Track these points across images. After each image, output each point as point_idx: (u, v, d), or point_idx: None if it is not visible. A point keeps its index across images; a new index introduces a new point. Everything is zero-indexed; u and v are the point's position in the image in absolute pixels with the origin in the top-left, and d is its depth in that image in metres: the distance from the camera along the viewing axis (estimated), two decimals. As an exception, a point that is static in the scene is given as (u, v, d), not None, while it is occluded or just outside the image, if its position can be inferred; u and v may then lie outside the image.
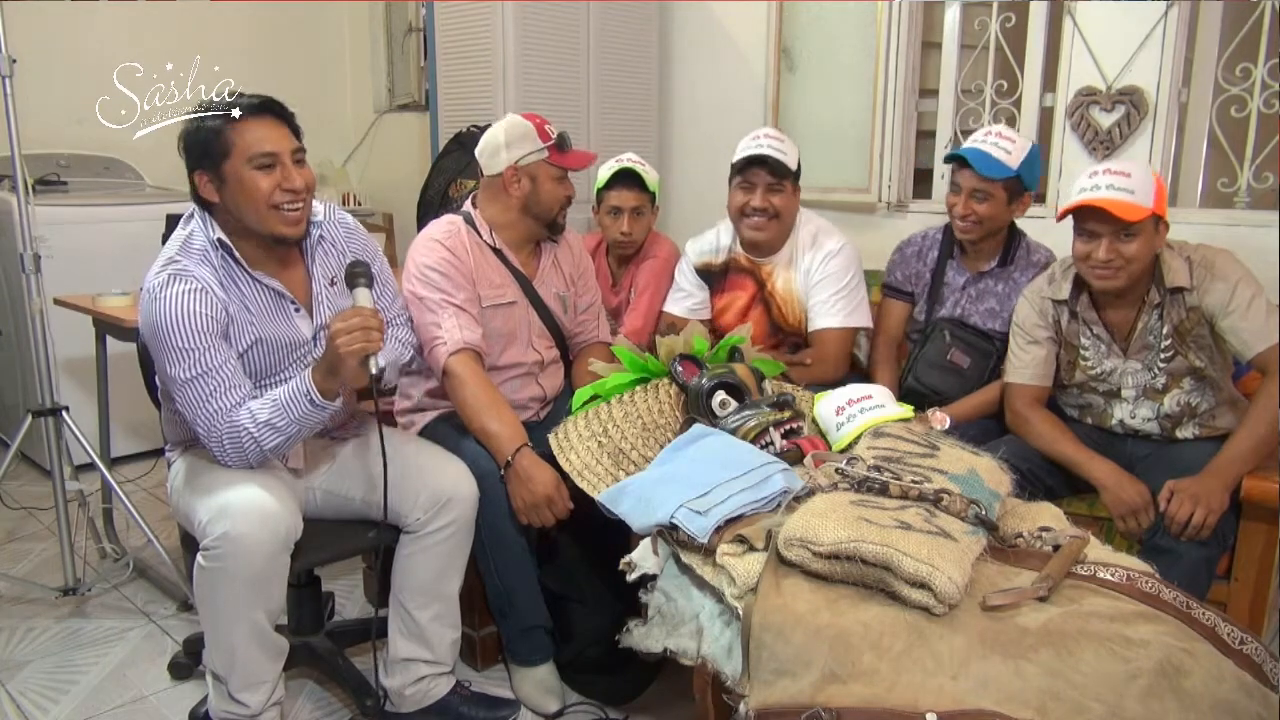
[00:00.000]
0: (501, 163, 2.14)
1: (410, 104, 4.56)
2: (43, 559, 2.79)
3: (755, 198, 2.37)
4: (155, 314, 1.68)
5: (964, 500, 1.45)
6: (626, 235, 2.64)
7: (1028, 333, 2.13)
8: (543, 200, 2.18)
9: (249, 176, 1.69)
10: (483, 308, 2.13)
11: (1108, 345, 2.04)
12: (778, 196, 2.37)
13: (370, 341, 1.65)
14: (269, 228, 1.74)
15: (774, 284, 2.48)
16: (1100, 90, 2.67)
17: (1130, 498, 1.92)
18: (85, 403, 2.91)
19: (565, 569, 2.11)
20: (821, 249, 2.41)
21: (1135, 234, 1.87)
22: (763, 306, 2.51)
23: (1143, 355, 2.01)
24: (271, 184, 1.71)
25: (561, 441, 1.89)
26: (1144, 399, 2.04)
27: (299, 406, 1.69)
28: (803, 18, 3.37)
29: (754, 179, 2.36)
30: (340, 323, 1.66)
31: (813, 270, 2.41)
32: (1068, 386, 2.13)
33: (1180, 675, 1.19)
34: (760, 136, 2.39)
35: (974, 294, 2.36)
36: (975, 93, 2.97)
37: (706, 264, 2.57)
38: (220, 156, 1.69)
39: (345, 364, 1.66)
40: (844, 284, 2.39)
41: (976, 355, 2.32)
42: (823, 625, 1.29)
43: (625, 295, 2.72)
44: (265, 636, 1.71)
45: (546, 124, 2.17)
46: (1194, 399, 2.01)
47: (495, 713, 2.00)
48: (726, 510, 1.51)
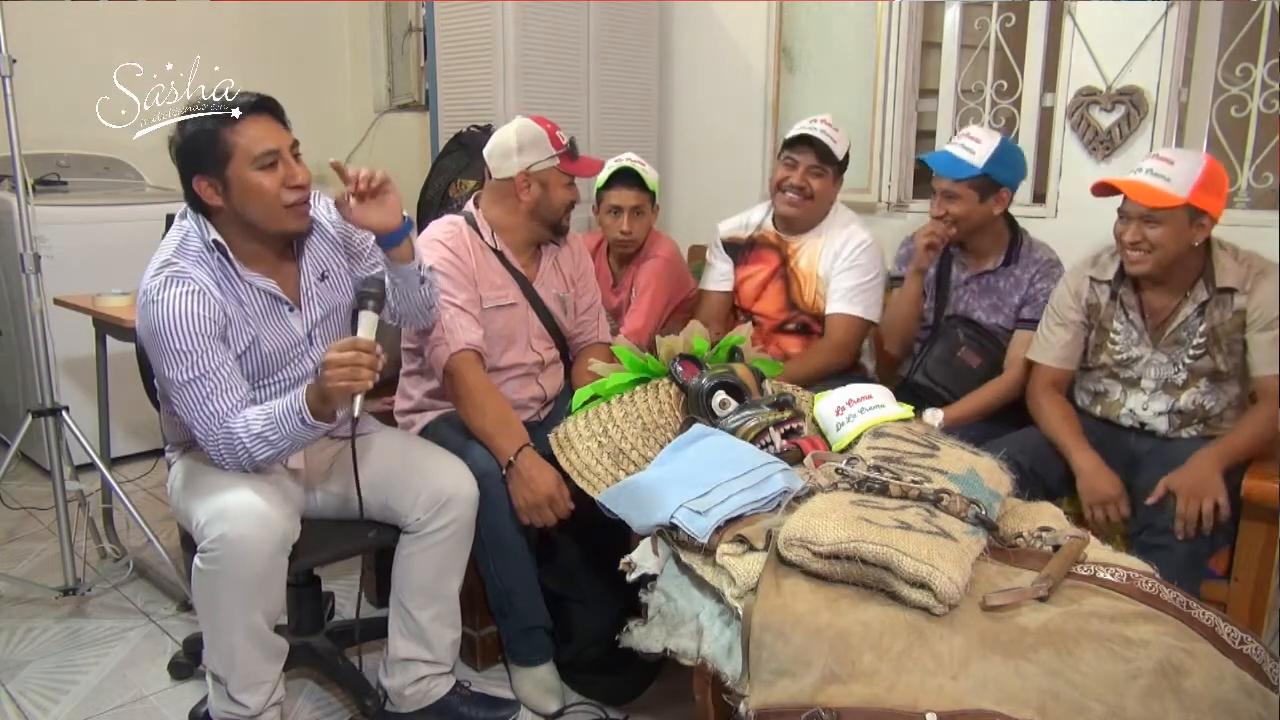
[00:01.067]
0: (513, 167, 2.14)
1: (410, 104, 4.56)
2: (43, 559, 2.79)
3: (796, 175, 2.45)
4: (153, 316, 1.67)
5: (964, 500, 1.45)
6: (627, 234, 2.65)
7: (1059, 314, 2.16)
8: (552, 205, 2.20)
9: (254, 178, 1.68)
10: (483, 309, 2.13)
11: (1140, 332, 2.06)
12: (818, 180, 2.45)
13: (357, 380, 1.61)
14: (281, 226, 1.73)
15: (797, 260, 2.53)
16: (1100, 90, 2.67)
17: (1103, 487, 1.96)
18: (85, 403, 2.91)
19: (565, 569, 2.11)
20: (854, 239, 2.47)
21: (1161, 221, 1.91)
22: (782, 281, 2.56)
23: (1171, 349, 2.03)
24: (276, 182, 1.69)
25: (561, 441, 1.89)
26: (1161, 392, 2.06)
27: (290, 423, 1.67)
28: (803, 18, 3.37)
29: (799, 156, 2.45)
30: (334, 353, 1.62)
31: (841, 255, 2.46)
32: (1091, 369, 2.15)
33: (1180, 675, 1.19)
34: (818, 120, 2.47)
35: (976, 289, 2.40)
36: (975, 93, 2.97)
37: (733, 238, 2.65)
38: (222, 160, 1.67)
39: (332, 396, 1.64)
40: (868, 278, 2.46)
41: (986, 356, 2.35)
42: (823, 625, 1.29)
43: (626, 295, 2.72)
44: (264, 637, 1.71)
45: (557, 130, 2.19)
46: (1208, 401, 2.03)
47: (495, 713, 2.00)
48: (726, 510, 1.51)
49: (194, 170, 1.70)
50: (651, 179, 2.68)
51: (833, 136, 2.45)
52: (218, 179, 1.69)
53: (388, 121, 4.68)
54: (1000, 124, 2.93)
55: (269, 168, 1.68)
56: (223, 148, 1.66)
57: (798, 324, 2.55)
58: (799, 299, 2.53)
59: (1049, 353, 2.17)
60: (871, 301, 2.47)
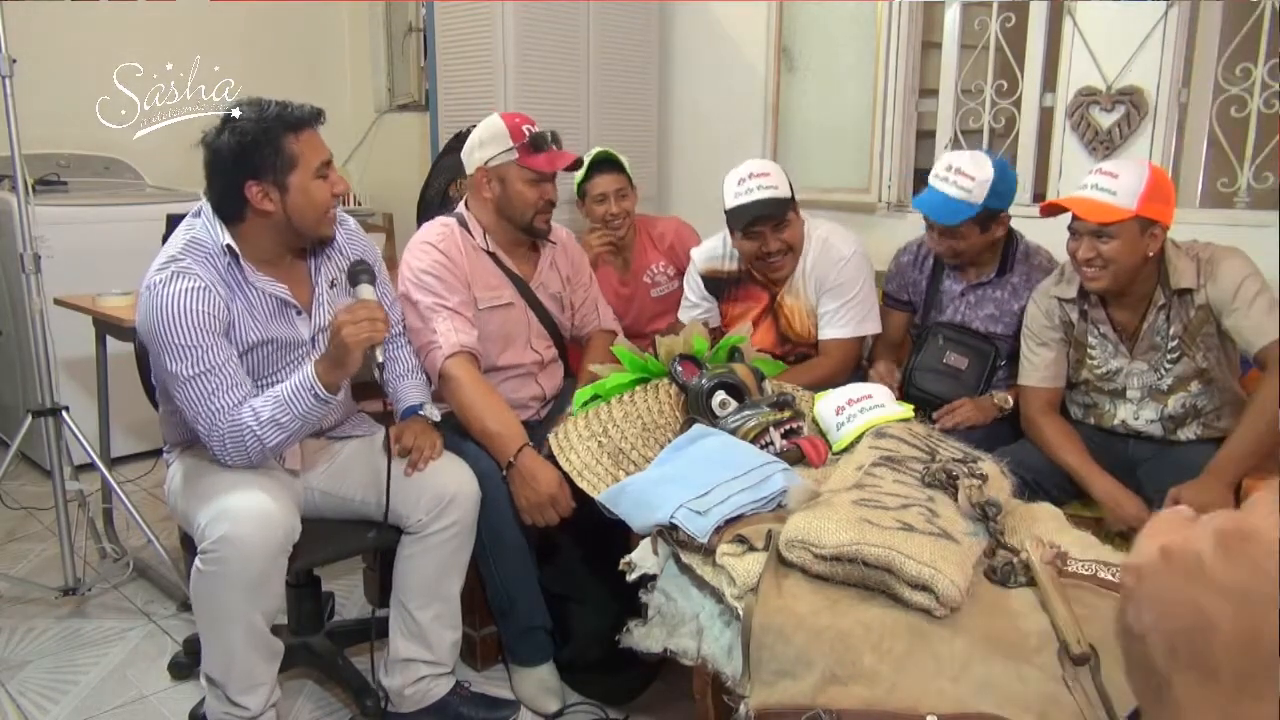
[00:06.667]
0: (474, 163, 2.14)
1: (410, 104, 4.56)
2: (43, 559, 2.79)
3: (769, 243, 2.32)
4: (156, 311, 1.67)
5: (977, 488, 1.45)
6: (616, 215, 2.75)
7: (1036, 335, 2.13)
8: (513, 203, 2.14)
9: (314, 186, 1.74)
10: (479, 310, 2.13)
11: (1114, 345, 2.04)
12: (785, 232, 2.32)
13: (376, 332, 1.67)
14: (320, 231, 1.80)
15: (782, 296, 2.46)
16: (1100, 90, 2.67)
17: (1129, 511, 1.93)
18: (85, 403, 2.91)
19: (565, 569, 2.11)
20: (832, 256, 2.37)
21: (1113, 235, 1.88)
22: (772, 317, 2.50)
23: (1149, 356, 2.01)
24: (328, 191, 1.77)
25: (561, 442, 1.89)
26: (1148, 400, 2.04)
27: (303, 401, 1.69)
28: (803, 18, 3.36)
29: (760, 227, 2.30)
30: (346, 315, 1.67)
31: (824, 279, 2.38)
32: (1075, 385, 2.14)
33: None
34: (747, 179, 2.30)
35: (973, 300, 2.35)
36: (975, 93, 2.97)
37: (714, 270, 2.53)
38: (286, 168, 1.71)
39: (351, 355, 1.67)
40: (854, 294, 2.37)
41: (974, 356, 2.31)
42: (824, 626, 1.28)
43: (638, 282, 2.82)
44: (262, 638, 1.71)
45: (525, 123, 2.12)
46: (1200, 401, 2.01)
47: (495, 713, 2.00)
48: (726, 510, 1.51)
49: (248, 175, 1.71)
50: (626, 162, 2.81)
51: (772, 185, 2.28)
52: (275, 185, 1.72)
53: (388, 121, 4.68)
54: (1000, 124, 2.93)
55: (324, 178, 1.76)
56: (289, 155, 1.71)
57: (796, 355, 2.49)
58: (790, 331, 2.47)
59: (1035, 374, 2.13)
60: (863, 314, 2.39)
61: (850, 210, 3.22)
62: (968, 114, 3.00)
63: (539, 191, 2.13)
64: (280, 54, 4.39)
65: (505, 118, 2.15)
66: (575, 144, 3.14)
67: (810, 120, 3.38)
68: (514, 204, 2.14)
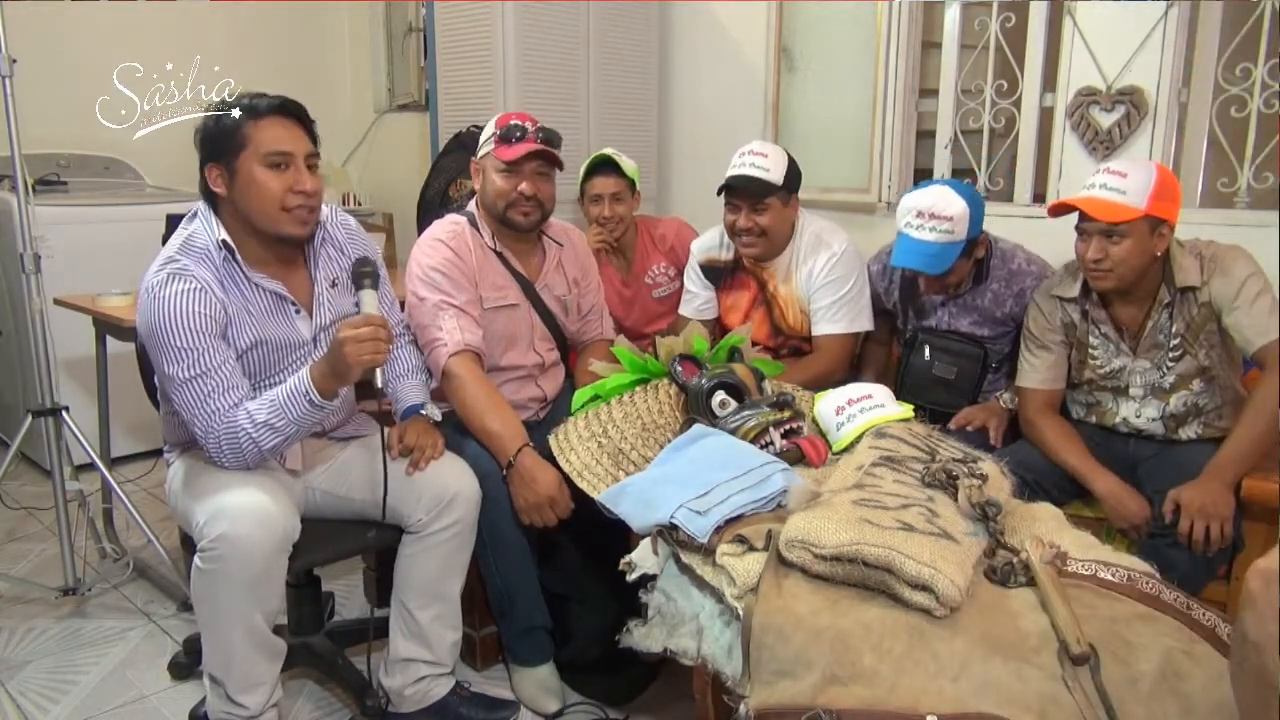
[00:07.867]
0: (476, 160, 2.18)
1: (410, 104, 4.56)
2: (43, 559, 2.79)
3: (741, 218, 2.37)
4: (154, 313, 1.68)
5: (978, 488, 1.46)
6: (608, 218, 2.74)
7: (1037, 337, 2.13)
8: (487, 193, 2.16)
9: (260, 174, 1.71)
10: (484, 309, 2.13)
11: (1116, 344, 2.04)
12: (763, 216, 2.36)
13: (378, 354, 1.67)
14: (278, 228, 1.75)
15: (775, 286, 2.48)
16: (1100, 90, 2.67)
17: (1131, 513, 1.93)
18: (85, 403, 2.91)
19: (565, 569, 2.11)
20: (824, 253, 2.40)
21: (1123, 235, 1.88)
22: (764, 308, 2.52)
23: (1151, 354, 2.01)
24: (283, 185, 1.72)
25: (561, 442, 1.89)
26: (1151, 398, 2.04)
27: (297, 407, 1.69)
28: (803, 18, 3.36)
29: (738, 200, 2.37)
30: (350, 330, 1.65)
31: (815, 275, 2.41)
32: (1078, 385, 2.14)
33: (1180, 679, 1.19)
34: (746, 154, 2.37)
35: (955, 309, 2.35)
36: (975, 93, 2.97)
37: (712, 260, 2.58)
38: (235, 150, 1.70)
39: (351, 371, 1.67)
40: (846, 290, 2.39)
41: (964, 361, 2.31)
42: (823, 626, 1.28)
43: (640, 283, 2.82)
44: (263, 638, 1.71)
45: (513, 119, 2.12)
46: (1202, 399, 2.01)
47: (495, 713, 2.00)
48: (726, 510, 1.51)
49: (209, 157, 1.73)
50: (629, 167, 2.75)
51: (764, 167, 2.32)
52: (226, 168, 1.72)
53: (388, 121, 4.68)
54: (1000, 124, 2.93)
55: (277, 168, 1.71)
56: (239, 138, 1.70)
57: (789, 349, 2.52)
58: (783, 324, 2.49)
59: (1034, 376, 2.13)
60: (856, 311, 2.41)
61: (850, 210, 3.22)
62: (968, 114, 3.00)
63: (510, 182, 2.12)
64: (280, 54, 4.39)
65: (506, 116, 2.16)
66: (575, 144, 3.14)
67: (810, 120, 3.38)
68: (488, 194, 2.15)
